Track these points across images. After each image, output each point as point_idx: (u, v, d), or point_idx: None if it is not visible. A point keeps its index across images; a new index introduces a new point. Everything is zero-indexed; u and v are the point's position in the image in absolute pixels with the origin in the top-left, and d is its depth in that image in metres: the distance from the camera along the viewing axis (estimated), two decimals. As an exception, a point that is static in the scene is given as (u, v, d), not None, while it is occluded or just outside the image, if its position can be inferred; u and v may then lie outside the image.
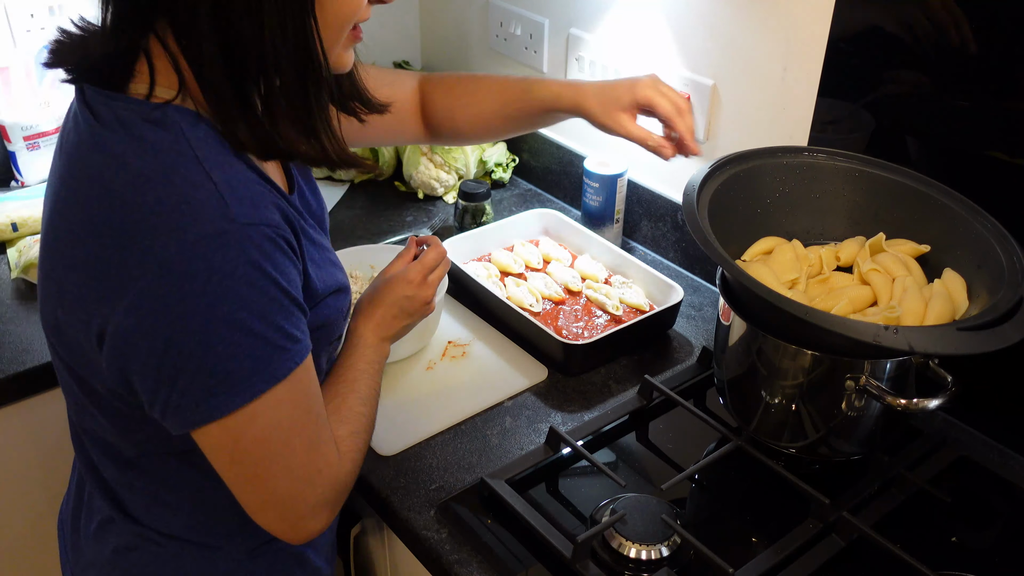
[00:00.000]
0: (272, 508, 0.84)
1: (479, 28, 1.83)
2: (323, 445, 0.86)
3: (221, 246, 0.74)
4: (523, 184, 1.82)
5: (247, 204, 0.77)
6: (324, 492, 0.86)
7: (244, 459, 0.81)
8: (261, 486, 0.82)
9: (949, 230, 1.07)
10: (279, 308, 0.78)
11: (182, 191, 0.74)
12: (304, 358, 0.81)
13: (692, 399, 1.25)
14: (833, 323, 0.89)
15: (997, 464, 1.14)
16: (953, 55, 1.08)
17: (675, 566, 0.97)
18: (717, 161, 1.11)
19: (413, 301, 1.09)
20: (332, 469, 0.86)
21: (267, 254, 0.77)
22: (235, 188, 0.77)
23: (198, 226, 0.73)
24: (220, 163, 0.78)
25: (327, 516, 0.88)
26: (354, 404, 0.96)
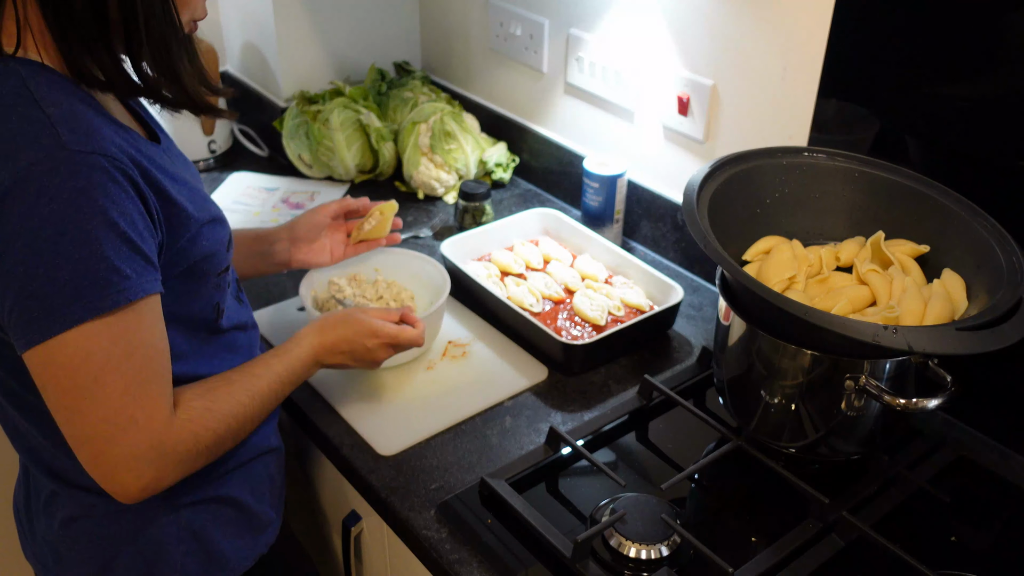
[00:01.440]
0: (83, 446, 0.84)
1: (479, 28, 1.83)
2: (148, 396, 0.85)
3: (49, 171, 0.78)
4: (523, 184, 1.82)
5: (80, 134, 0.80)
6: (140, 446, 0.85)
7: (55, 386, 0.82)
8: (70, 418, 0.83)
9: (949, 230, 1.07)
10: (106, 240, 0.80)
11: (17, 127, 0.79)
12: (136, 297, 0.82)
13: (692, 399, 1.25)
14: (833, 323, 0.89)
15: (997, 464, 1.14)
16: (953, 55, 1.08)
17: (675, 566, 0.97)
18: (717, 161, 1.11)
19: (368, 353, 1.11)
20: (154, 424, 0.85)
21: (99, 183, 0.79)
22: (68, 120, 0.80)
23: (29, 153, 0.78)
24: (58, 101, 0.82)
25: (150, 476, 0.86)
26: (237, 391, 0.95)
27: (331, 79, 1.93)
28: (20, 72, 0.82)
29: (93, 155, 0.80)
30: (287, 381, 1.02)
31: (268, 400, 0.99)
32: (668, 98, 1.46)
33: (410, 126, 1.74)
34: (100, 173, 0.80)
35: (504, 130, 1.83)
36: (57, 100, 0.82)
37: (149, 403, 0.85)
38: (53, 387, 0.82)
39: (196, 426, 0.90)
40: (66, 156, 0.78)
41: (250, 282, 1.48)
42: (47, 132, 0.79)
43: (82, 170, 0.79)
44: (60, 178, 0.78)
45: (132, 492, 0.87)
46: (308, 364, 1.06)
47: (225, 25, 2.00)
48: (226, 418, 0.93)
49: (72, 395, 0.82)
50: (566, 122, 1.71)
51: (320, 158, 1.76)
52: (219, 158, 1.90)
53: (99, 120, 0.84)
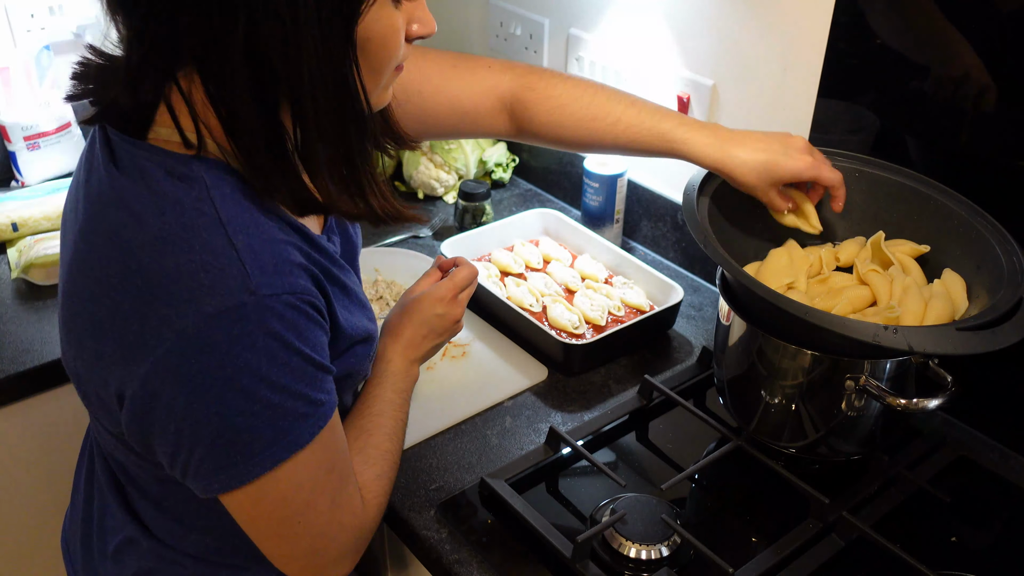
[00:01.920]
0: (295, 561, 0.84)
1: (479, 28, 1.83)
2: (346, 500, 0.84)
3: (240, 318, 0.71)
4: (523, 184, 1.82)
5: (269, 272, 0.73)
6: (347, 543, 0.86)
7: (266, 519, 0.80)
8: (284, 543, 0.82)
9: (949, 230, 1.07)
10: (301, 377, 0.75)
11: (202, 258, 0.71)
12: (328, 419, 0.79)
13: (692, 399, 1.25)
14: (833, 323, 0.89)
15: (997, 464, 1.14)
16: (953, 55, 1.08)
17: (675, 566, 0.97)
18: (717, 161, 1.11)
19: (444, 319, 1.06)
20: (356, 520, 0.86)
21: (290, 323, 0.74)
22: (258, 255, 0.73)
23: (217, 298, 0.71)
24: (244, 225, 0.74)
25: (351, 562, 0.88)
26: (380, 441, 0.94)
27: (331, 79, 1.92)
28: (204, 179, 0.74)
29: (284, 295, 0.73)
30: (403, 401, 1.00)
31: (402, 430, 0.98)
32: (668, 98, 1.46)
33: (410, 126, 1.74)
34: (291, 312, 0.74)
35: (504, 130, 1.83)
36: (243, 223, 0.73)
37: (350, 504, 0.85)
38: (263, 521, 0.80)
39: (379, 498, 0.91)
40: (255, 302, 0.71)
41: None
42: (235, 271, 0.71)
43: (273, 314, 0.72)
44: (251, 325, 0.71)
45: None
46: (407, 371, 1.03)
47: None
48: (390, 473, 0.93)
49: (284, 524, 0.80)
50: (566, 122, 1.71)
51: (320, 158, 1.76)
52: (219, 158, 1.89)
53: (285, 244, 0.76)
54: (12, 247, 1.49)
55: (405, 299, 1.09)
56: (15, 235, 1.52)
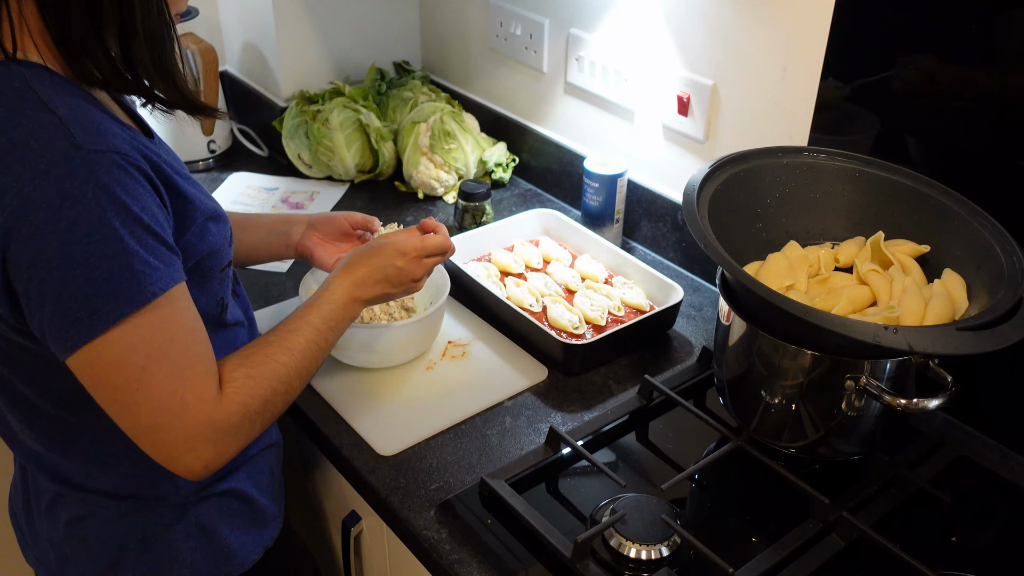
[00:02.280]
0: (141, 436, 0.85)
1: (479, 28, 1.83)
2: (192, 378, 0.85)
3: (69, 172, 0.78)
4: (523, 184, 1.82)
5: (92, 132, 0.80)
6: (194, 428, 0.85)
7: (105, 384, 0.83)
8: (126, 413, 0.84)
9: (949, 230, 1.07)
10: (132, 232, 0.80)
11: (29, 129, 0.79)
12: (168, 286, 0.83)
13: (692, 399, 1.25)
14: (833, 323, 0.89)
15: (997, 464, 1.14)
16: (953, 55, 1.08)
17: (675, 566, 0.97)
18: (717, 161, 1.11)
19: (401, 273, 1.09)
20: (205, 404, 0.86)
21: (117, 179, 0.80)
22: (79, 119, 0.80)
23: (47, 156, 0.78)
24: (65, 101, 0.81)
25: (210, 454, 0.87)
26: (275, 352, 0.95)
27: (331, 79, 1.93)
28: (23, 74, 0.82)
29: (108, 153, 0.80)
30: (327, 329, 1.01)
31: (311, 353, 0.98)
32: (668, 98, 1.46)
33: (410, 126, 1.74)
34: (117, 170, 0.80)
35: (504, 130, 1.83)
36: (64, 100, 0.82)
37: (197, 384, 0.86)
38: (103, 385, 0.83)
39: (242, 396, 0.90)
40: (82, 156, 0.79)
41: (251, 282, 1.48)
42: (60, 133, 0.79)
43: (99, 168, 0.79)
44: (80, 178, 0.78)
45: (196, 471, 0.87)
46: (346, 305, 1.04)
47: (225, 25, 2.00)
48: (270, 381, 0.93)
49: (123, 390, 0.83)
50: (566, 122, 1.71)
51: (320, 158, 1.76)
52: (219, 158, 1.90)
53: (106, 118, 0.84)
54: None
55: (374, 241, 1.12)
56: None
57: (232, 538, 1.04)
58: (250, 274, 1.50)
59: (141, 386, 0.83)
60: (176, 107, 0.94)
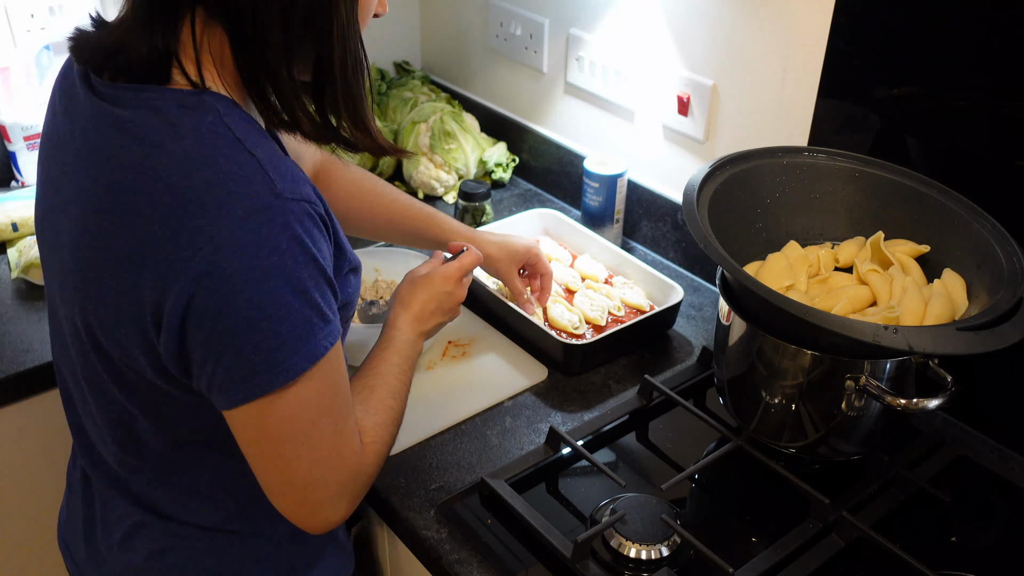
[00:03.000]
0: (292, 491, 0.84)
1: (479, 28, 1.83)
2: (348, 432, 0.85)
3: (268, 220, 0.74)
4: (523, 184, 1.82)
5: (288, 179, 0.77)
6: (344, 481, 0.86)
7: (270, 437, 0.81)
8: (284, 467, 0.82)
9: (949, 230, 1.07)
10: (317, 285, 0.78)
11: (228, 170, 0.75)
12: (337, 339, 0.82)
13: (692, 399, 1.25)
14: (833, 323, 0.89)
15: (997, 464, 1.14)
16: (953, 55, 1.08)
17: (675, 566, 0.97)
18: (717, 161, 1.11)
19: (451, 298, 1.09)
20: (355, 457, 0.86)
21: (307, 229, 0.77)
22: (276, 165, 0.77)
23: (246, 201, 0.74)
24: (259, 142, 0.78)
25: (346, 506, 0.87)
26: (383, 397, 0.95)
27: (331, 79, 1.92)
28: (216, 107, 0.78)
29: (302, 202, 0.77)
30: (408, 368, 1.01)
31: (403, 395, 0.99)
32: (668, 98, 1.46)
33: (410, 126, 1.74)
34: (308, 220, 0.77)
35: (504, 130, 1.83)
36: (258, 141, 0.78)
37: (350, 437, 0.86)
38: (269, 439, 0.81)
39: (376, 444, 0.90)
40: (280, 204, 0.75)
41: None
42: (260, 178, 0.75)
43: (294, 218, 0.76)
44: (276, 228, 0.75)
45: (332, 523, 0.87)
46: (415, 341, 1.04)
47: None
48: (388, 426, 0.94)
49: (289, 444, 0.81)
50: (566, 122, 1.71)
51: (320, 158, 1.76)
52: (219, 158, 1.89)
53: (292, 162, 0.81)
54: (12, 247, 1.49)
55: (412, 275, 1.11)
56: (15, 235, 1.52)
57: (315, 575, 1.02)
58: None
59: (307, 440, 0.81)
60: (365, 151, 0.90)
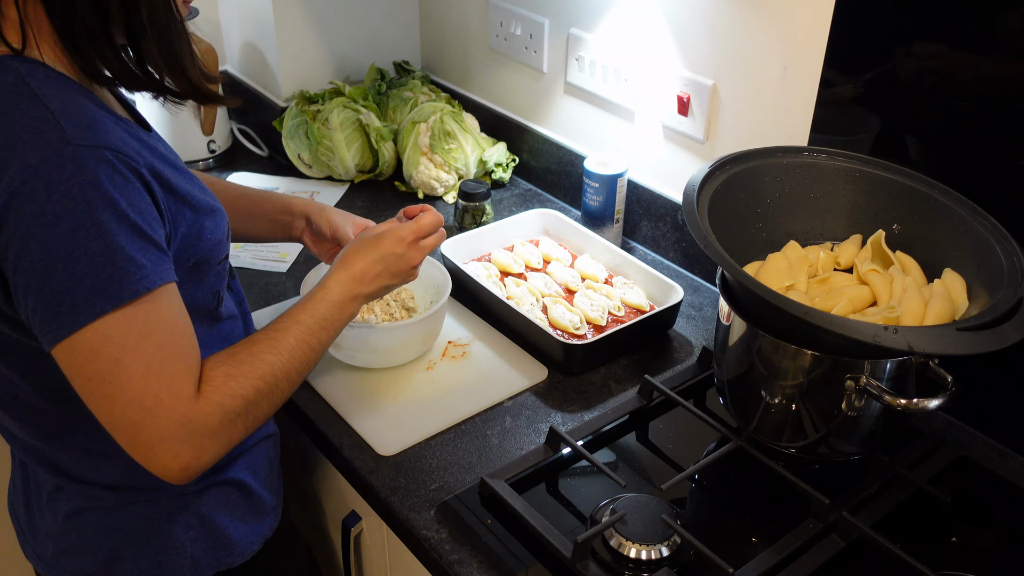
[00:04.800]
0: (119, 432, 0.84)
1: (479, 28, 1.83)
2: (171, 375, 0.84)
3: (58, 166, 0.78)
4: (523, 184, 1.82)
5: (84, 128, 0.80)
6: (169, 426, 0.83)
7: (81, 374, 0.82)
8: (100, 405, 0.83)
9: (949, 230, 1.07)
10: (120, 231, 0.80)
11: (21, 124, 0.79)
12: (152, 285, 0.82)
13: (692, 399, 1.25)
14: (833, 323, 0.89)
15: (997, 464, 1.14)
16: (953, 55, 1.08)
17: (675, 566, 0.97)
18: (717, 161, 1.11)
19: (401, 260, 1.07)
20: (179, 402, 0.84)
21: (107, 175, 0.80)
22: (71, 114, 0.81)
23: (37, 150, 0.78)
24: (59, 96, 0.82)
25: (186, 455, 0.85)
26: (260, 351, 0.93)
27: (331, 79, 1.93)
28: (18, 68, 0.82)
29: (98, 148, 0.80)
30: (319, 328, 0.99)
31: (301, 353, 0.96)
32: (668, 98, 1.46)
33: (410, 126, 1.74)
34: (106, 166, 0.80)
35: (504, 130, 1.83)
36: (57, 95, 0.82)
37: (173, 381, 0.84)
38: (79, 377, 0.83)
39: (219, 395, 0.87)
40: (72, 151, 0.79)
41: (250, 282, 1.48)
42: (51, 127, 0.79)
43: (88, 164, 0.79)
44: (68, 173, 0.78)
45: (173, 472, 0.86)
46: (344, 303, 1.02)
47: (225, 25, 2.00)
48: (253, 380, 0.90)
49: (96, 382, 0.82)
50: (566, 122, 1.71)
51: (320, 158, 1.76)
52: (219, 158, 1.90)
53: (101, 113, 0.84)
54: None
55: (364, 235, 1.10)
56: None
57: (231, 528, 1.04)
58: (249, 274, 1.50)
59: (114, 379, 0.82)
60: (187, 98, 0.94)
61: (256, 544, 1.07)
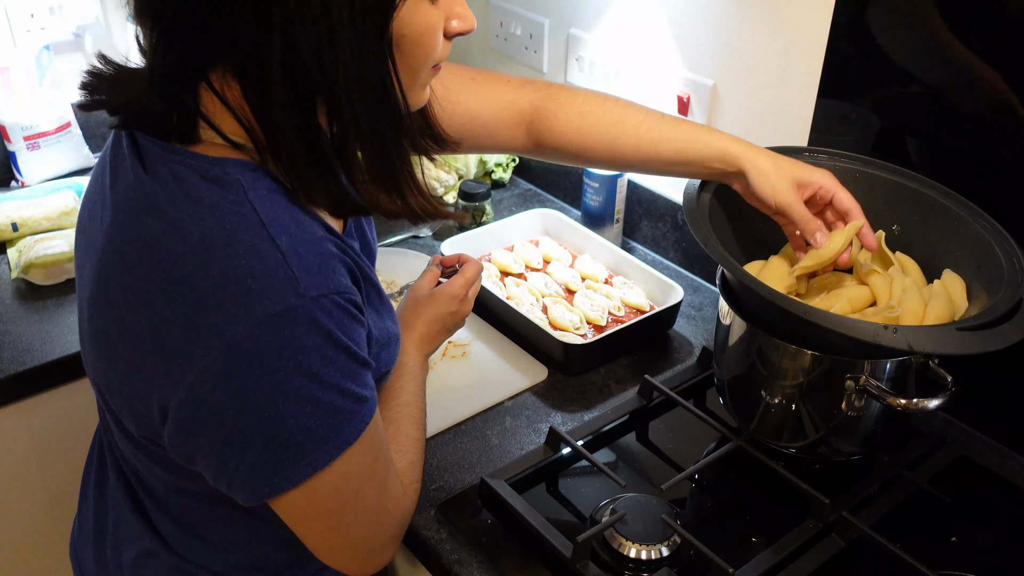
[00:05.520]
0: (344, 552, 0.84)
1: (479, 28, 1.81)
2: (390, 485, 0.85)
3: (290, 322, 0.70)
4: (523, 184, 1.82)
5: (315, 272, 0.72)
6: (392, 528, 0.87)
7: (318, 514, 0.80)
8: (334, 535, 0.82)
9: (949, 230, 1.07)
10: (349, 374, 0.75)
11: (247, 263, 0.70)
12: (373, 413, 0.79)
13: (692, 399, 1.25)
14: (833, 322, 0.89)
15: (997, 464, 1.14)
16: (953, 55, 1.08)
17: (675, 566, 0.97)
18: (717, 161, 1.11)
19: (456, 316, 1.07)
20: (399, 505, 0.87)
21: (337, 322, 0.73)
22: (302, 256, 0.72)
23: (267, 302, 0.69)
24: (285, 225, 0.73)
25: (394, 549, 0.88)
26: (410, 430, 0.95)
27: (331, 79, 1.92)
28: (240, 181, 0.73)
29: (330, 295, 0.72)
30: (423, 393, 1.01)
31: (424, 420, 0.98)
32: (668, 98, 1.46)
33: (410, 126, 1.74)
34: (338, 311, 0.73)
35: (504, 130, 1.83)
36: (284, 224, 0.72)
37: (393, 490, 0.85)
38: (316, 517, 0.79)
39: (414, 483, 0.91)
40: (304, 305, 0.70)
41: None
42: (283, 274, 0.70)
43: (321, 315, 0.71)
44: (301, 328, 0.70)
45: (381, 566, 0.87)
46: (422, 364, 1.03)
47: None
48: (419, 460, 0.94)
49: (336, 516, 0.80)
50: (566, 122, 1.71)
51: (320, 158, 1.76)
52: (219, 158, 1.89)
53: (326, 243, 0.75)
54: (12, 247, 1.49)
55: (415, 295, 1.08)
56: (15, 235, 1.52)
57: None
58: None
59: (353, 508, 0.80)
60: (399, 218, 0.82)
61: None
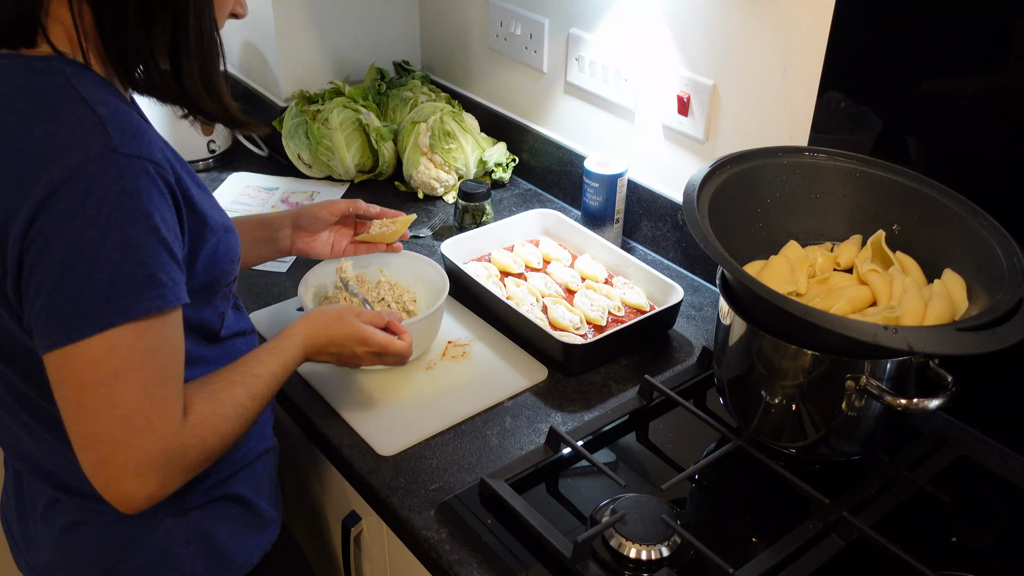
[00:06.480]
0: (92, 447, 0.81)
1: (479, 28, 1.83)
2: (162, 398, 0.83)
3: (99, 171, 0.78)
4: (523, 184, 1.82)
5: (129, 136, 0.81)
6: (151, 452, 0.82)
7: (72, 381, 0.80)
8: (84, 415, 0.81)
9: (949, 230, 1.07)
10: (148, 245, 0.80)
11: (68, 125, 0.79)
12: (168, 306, 0.82)
13: (692, 399, 1.25)
14: (833, 323, 0.89)
15: (997, 464, 1.14)
16: (953, 54, 1.08)
17: (675, 566, 0.97)
18: (717, 161, 1.11)
19: (354, 358, 1.10)
20: (166, 428, 0.83)
21: (144, 188, 0.80)
22: (119, 122, 0.81)
23: (81, 152, 0.78)
24: (106, 102, 0.82)
25: (155, 484, 0.83)
26: (240, 394, 0.93)
27: (331, 79, 1.93)
28: (64, 70, 0.82)
29: (141, 159, 0.80)
30: (281, 379, 1.01)
31: (266, 400, 0.98)
32: (668, 98, 1.46)
33: (410, 126, 1.74)
34: (146, 178, 0.80)
35: (504, 130, 1.83)
36: (104, 100, 0.82)
37: (165, 404, 0.84)
38: (70, 384, 0.80)
39: (204, 431, 0.88)
40: (116, 158, 0.79)
41: (250, 282, 1.48)
42: (98, 132, 0.79)
43: (130, 173, 0.79)
44: (108, 180, 0.78)
45: (136, 501, 0.84)
46: (299, 359, 1.05)
47: (225, 25, 2.00)
48: (231, 421, 0.91)
49: (89, 391, 0.80)
50: (566, 122, 1.71)
51: (320, 158, 1.76)
52: (219, 158, 1.90)
53: (144, 124, 0.85)
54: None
55: (346, 314, 1.10)
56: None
57: (231, 543, 1.04)
58: (250, 274, 1.50)
59: (109, 390, 0.80)
60: (217, 121, 0.96)
61: (255, 558, 1.07)
